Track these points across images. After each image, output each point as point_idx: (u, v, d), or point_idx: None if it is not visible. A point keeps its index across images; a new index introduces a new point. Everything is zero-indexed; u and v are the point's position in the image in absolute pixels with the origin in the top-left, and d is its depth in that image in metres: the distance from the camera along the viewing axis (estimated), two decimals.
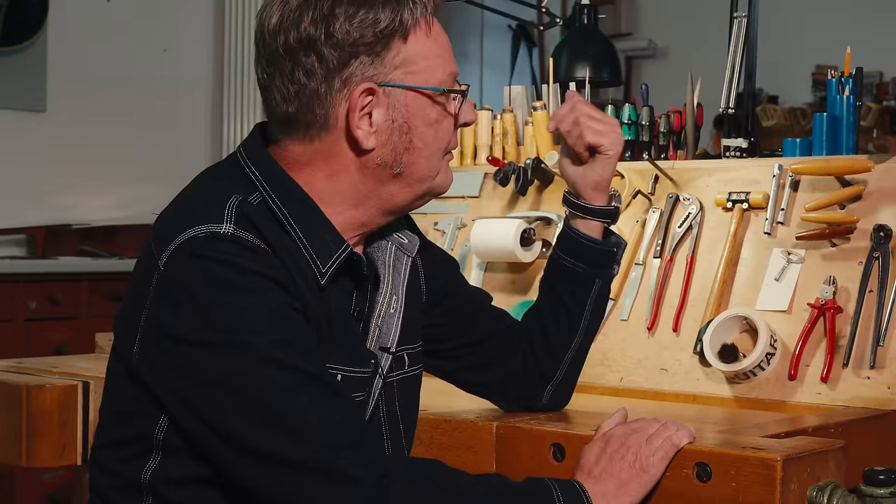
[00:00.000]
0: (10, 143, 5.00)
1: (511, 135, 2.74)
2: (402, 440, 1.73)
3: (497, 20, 7.09)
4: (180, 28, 5.63)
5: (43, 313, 4.43)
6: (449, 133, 1.66)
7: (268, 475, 1.47)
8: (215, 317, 1.46)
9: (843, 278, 2.13)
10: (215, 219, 1.50)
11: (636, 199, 2.42)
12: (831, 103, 2.35)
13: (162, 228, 1.54)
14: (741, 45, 2.45)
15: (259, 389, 1.45)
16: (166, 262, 1.49)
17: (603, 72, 2.99)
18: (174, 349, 1.48)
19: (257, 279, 1.48)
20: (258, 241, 1.50)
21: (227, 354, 1.46)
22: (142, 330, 1.51)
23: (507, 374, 1.91)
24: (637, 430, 1.63)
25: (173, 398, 1.51)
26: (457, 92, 1.63)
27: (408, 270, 1.73)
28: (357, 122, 1.57)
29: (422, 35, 1.60)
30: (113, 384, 1.62)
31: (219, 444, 1.48)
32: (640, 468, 1.59)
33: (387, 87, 1.58)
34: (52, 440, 2.14)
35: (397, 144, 1.60)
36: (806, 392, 2.07)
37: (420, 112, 1.61)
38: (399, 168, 1.61)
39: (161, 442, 1.54)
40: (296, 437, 1.45)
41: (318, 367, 1.51)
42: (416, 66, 1.59)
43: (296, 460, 1.45)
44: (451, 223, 2.64)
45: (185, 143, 5.61)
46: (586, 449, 1.64)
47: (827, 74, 2.40)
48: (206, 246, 1.48)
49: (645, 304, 2.31)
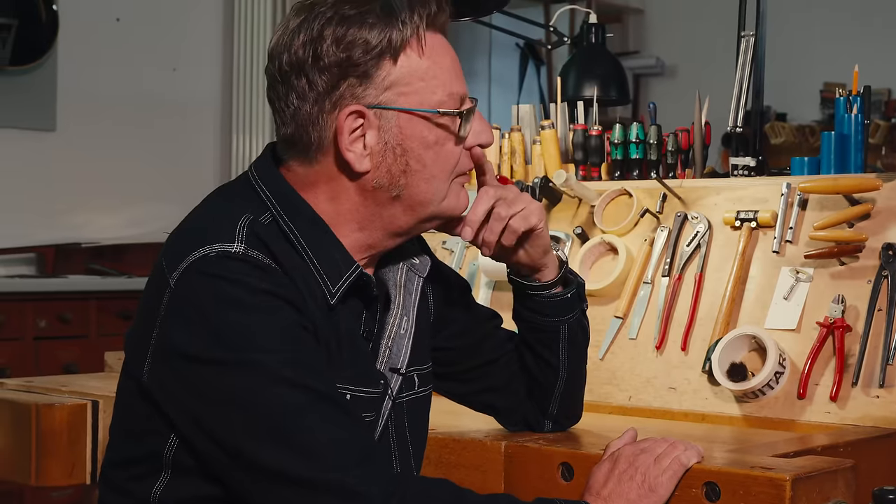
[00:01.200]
0: (19, 162, 5.01)
1: (519, 153, 2.74)
2: (412, 461, 1.73)
3: (505, 39, 7.10)
4: (189, 47, 5.65)
5: (52, 332, 4.44)
6: (454, 156, 1.62)
7: (277, 494, 1.47)
8: (226, 335, 1.46)
9: (852, 297, 2.12)
10: (226, 238, 1.50)
11: (644, 217, 2.42)
12: (839, 121, 2.35)
13: (173, 247, 1.54)
14: (749, 63, 2.46)
15: (269, 408, 1.46)
16: (177, 280, 1.50)
17: (611, 90, 3.00)
18: (185, 367, 1.49)
19: (268, 298, 1.48)
20: (269, 260, 1.51)
21: (238, 373, 1.46)
22: (152, 348, 1.52)
23: (512, 400, 1.90)
24: (645, 449, 1.63)
25: (183, 416, 1.51)
26: (453, 113, 1.59)
27: (419, 292, 1.73)
28: (348, 144, 1.56)
29: (413, 55, 1.56)
30: (123, 402, 1.62)
31: (229, 462, 1.49)
32: (648, 488, 1.58)
33: (377, 110, 1.56)
34: (62, 459, 2.14)
35: (392, 167, 1.58)
36: (815, 411, 2.07)
37: (416, 134, 1.58)
38: (397, 191, 1.59)
39: (171, 461, 1.54)
40: (305, 456, 1.45)
41: (328, 386, 1.51)
42: (410, 86, 1.57)
43: (305, 479, 1.45)
44: (460, 242, 2.64)
45: (194, 162, 5.62)
46: (595, 469, 1.63)
47: (835, 92, 2.40)
48: (217, 265, 1.48)
49: (653, 322, 2.31)
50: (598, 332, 2.35)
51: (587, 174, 2.63)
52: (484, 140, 1.65)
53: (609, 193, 2.48)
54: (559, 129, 2.69)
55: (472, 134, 1.63)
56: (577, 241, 2.48)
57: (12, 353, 4.30)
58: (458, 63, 1.63)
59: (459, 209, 1.66)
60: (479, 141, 1.64)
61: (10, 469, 2.19)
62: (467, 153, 1.64)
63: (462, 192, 1.66)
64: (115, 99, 5.30)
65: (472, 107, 1.63)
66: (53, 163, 5.12)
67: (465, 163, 1.65)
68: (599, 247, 2.44)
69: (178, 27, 5.60)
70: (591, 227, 2.48)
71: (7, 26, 4.82)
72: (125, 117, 5.34)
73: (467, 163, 1.65)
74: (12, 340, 4.33)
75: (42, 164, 5.09)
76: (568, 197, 2.54)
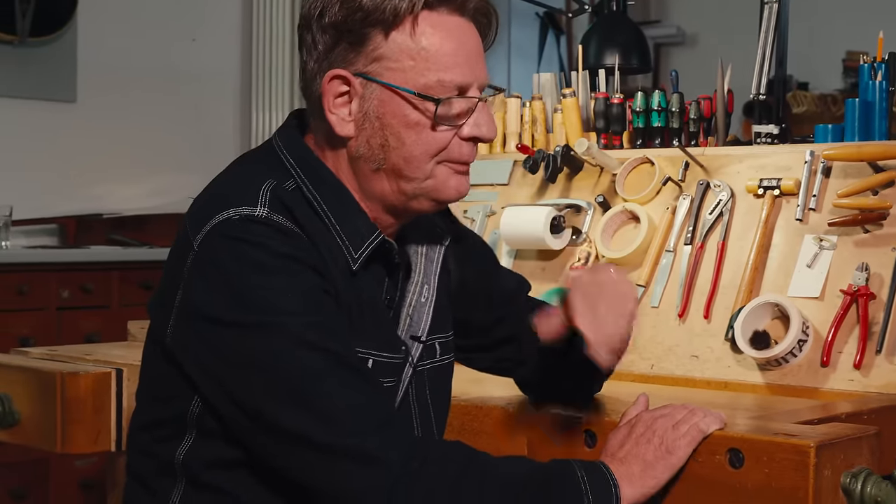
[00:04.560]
0: (40, 133, 5.02)
1: (540, 122, 2.74)
2: (434, 428, 1.74)
3: (525, 8, 7.07)
4: (208, 17, 5.64)
5: (74, 302, 4.46)
6: (438, 140, 1.58)
7: (297, 457, 1.47)
8: (248, 298, 1.47)
9: (876, 264, 2.12)
10: (250, 201, 1.51)
11: (666, 186, 2.41)
12: (863, 89, 2.34)
13: (197, 211, 1.55)
14: (772, 31, 2.44)
15: (289, 371, 1.46)
16: (201, 243, 1.51)
17: (632, 59, 2.98)
18: (207, 329, 1.50)
19: (290, 262, 1.49)
20: (292, 224, 1.51)
21: (259, 335, 1.47)
22: (176, 310, 1.53)
23: (529, 372, 1.90)
24: (665, 415, 1.63)
25: (205, 377, 1.52)
26: (430, 100, 1.56)
27: (440, 260, 1.73)
28: (332, 107, 1.57)
29: (406, 33, 1.55)
30: (148, 368, 1.64)
31: (249, 425, 1.50)
32: (665, 450, 1.58)
33: (362, 79, 1.56)
34: (87, 427, 2.16)
35: (371, 138, 1.58)
36: (838, 379, 2.07)
37: (396, 111, 1.56)
38: (377, 164, 1.59)
39: (195, 423, 1.56)
40: (324, 420, 1.46)
41: (349, 350, 1.52)
42: (398, 63, 1.55)
43: (324, 443, 1.45)
44: (481, 211, 2.65)
45: (214, 132, 5.62)
46: (612, 434, 1.64)
47: (858, 60, 2.39)
48: (239, 228, 1.49)
49: (675, 291, 2.31)
50: None
51: (609, 143, 2.62)
52: (480, 133, 1.61)
53: (631, 162, 2.48)
54: (580, 97, 2.68)
55: (470, 125, 1.60)
56: (598, 210, 2.47)
57: (36, 323, 4.32)
58: (474, 53, 1.60)
59: (447, 193, 1.62)
60: (475, 133, 1.61)
61: (36, 437, 2.20)
62: (465, 143, 1.61)
63: (453, 177, 1.61)
64: (135, 70, 5.30)
65: (452, 98, 1.57)
66: (74, 134, 5.13)
67: (459, 152, 1.61)
68: (621, 215, 2.44)
69: None
70: (613, 196, 2.47)
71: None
72: (145, 88, 5.34)
73: (462, 152, 1.61)
74: (36, 311, 4.35)
75: (63, 135, 5.10)
76: (589, 165, 2.53)
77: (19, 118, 4.96)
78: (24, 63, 4.92)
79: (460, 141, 1.61)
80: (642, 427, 1.61)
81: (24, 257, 4.47)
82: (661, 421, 1.62)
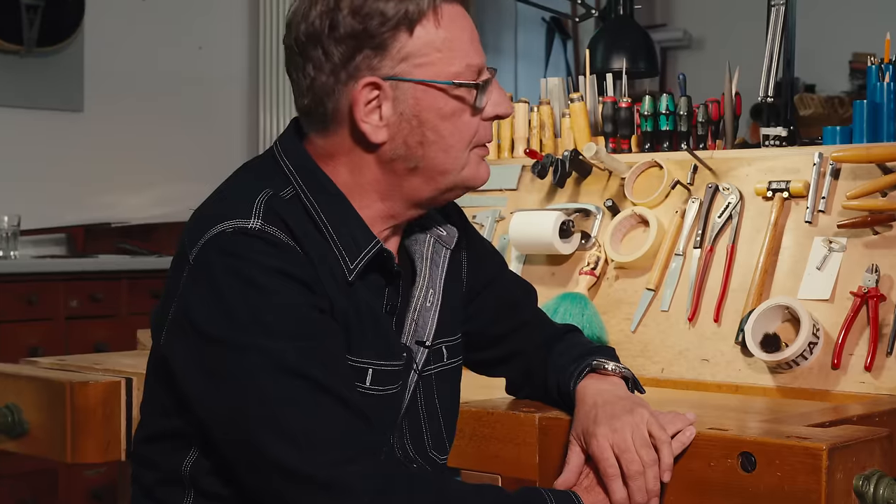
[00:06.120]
0: (48, 142, 5.04)
1: (548, 127, 2.73)
2: (443, 432, 1.73)
3: (531, 13, 7.08)
4: (215, 25, 5.65)
5: (83, 311, 4.47)
6: (472, 126, 1.60)
7: (268, 479, 1.47)
8: (235, 315, 1.46)
9: (886, 266, 2.11)
10: (244, 213, 1.50)
11: (675, 189, 2.41)
12: (871, 90, 2.33)
13: (195, 223, 1.55)
14: (779, 33, 2.44)
15: (267, 394, 1.45)
16: (196, 255, 1.51)
17: (639, 62, 2.98)
18: (194, 341, 1.49)
19: (281, 279, 1.48)
20: (285, 236, 1.50)
21: (242, 354, 1.46)
22: (169, 321, 1.53)
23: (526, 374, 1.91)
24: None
25: (191, 388, 1.51)
26: (469, 85, 1.58)
27: (446, 263, 1.72)
28: (363, 116, 1.56)
29: (430, 26, 1.55)
30: (151, 379, 1.64)
31: (222, 437, 1.50)
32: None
33: (393, 81, 1.55)
34: (97, 436, 2.16)
35: (408, 138, 1.57)
36: (849, 381, 2.06)
37: (432, 105, 1.57)
38: (414, 162, 1.59)
39: (199, 434, 1.55)
40: (297, 447, 1.44)
41: (332, 375, 1.49)
42: (426, 58, 1.55)
43: (296, 470, 1.44)
44: (490, 216, 2.64)
45: (221, 140, 5.63)
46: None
47: (865, 62, 2.38)
48: (232, 241, 1.48)
49: (685, 294, 2.30)
50: (629, 304, 2.35)
51: (617, 146, 2.61)
52: (502, 111, 1.63)
53: (639, 165, 2.47)
54: (588, 101, 2.68)
55: (491, 104, 1.62)
56: (607, 214, 2.47)
57: (45, 332, 4.34)
58: (476, 34, 1.62)
59: (479, 179, 1.64)
60: (497, 111, 1.63)
61: (45, 447, 2.20)
62: (486, 124, 1.63)
63: (482, 162, 1.64)
64: (142, 78, 5.32)
65: (490, 78, 1.61)
66: (81, 143, 5.14)
67: (484, 134, 1.63)
68: (630, 219, 2.43)
69: (204, 5, 5.60)
70: (622, 200, 2.47)
71: (34, 7, 4.84)
72: (152, 96, 5.35)
73: (486, 134, 1.63)
74: (44, 320, 4.36)
75: (70, 144, 5.11)
76: (598, 170, 2.53)
77: (26, 128, 4.97)
78: (32, 73, 4.94)
79: (484, 123, 1.62)
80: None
81: (32, 267, 4.49)
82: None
